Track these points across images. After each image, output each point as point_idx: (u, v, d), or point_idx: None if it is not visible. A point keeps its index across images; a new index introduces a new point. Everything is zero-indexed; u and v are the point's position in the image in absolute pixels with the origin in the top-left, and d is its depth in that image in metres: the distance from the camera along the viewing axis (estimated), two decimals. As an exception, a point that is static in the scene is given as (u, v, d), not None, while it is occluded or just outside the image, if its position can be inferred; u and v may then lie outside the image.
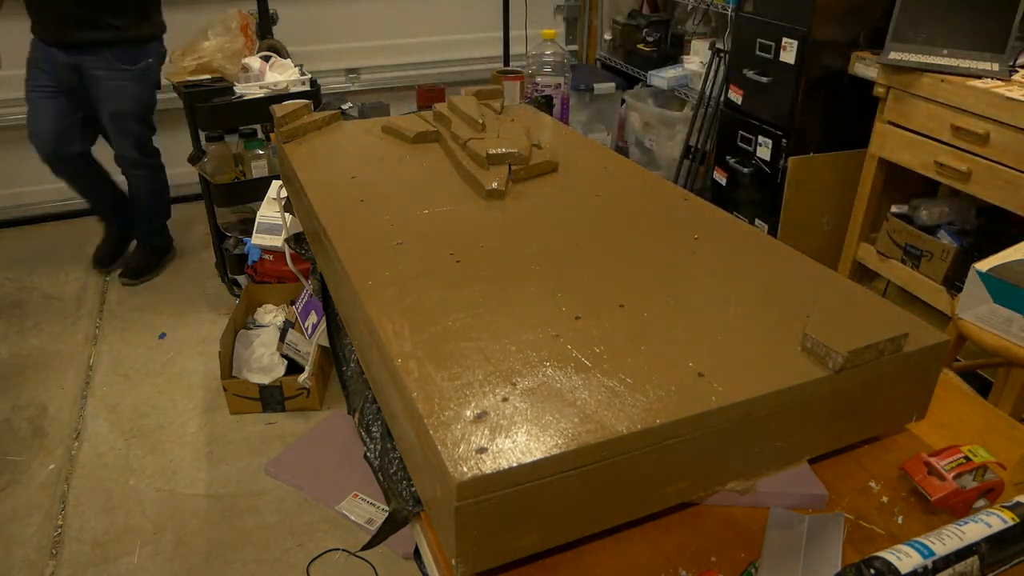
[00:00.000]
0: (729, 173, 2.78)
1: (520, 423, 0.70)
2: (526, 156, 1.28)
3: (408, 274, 0.95)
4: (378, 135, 1.52)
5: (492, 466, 0.65)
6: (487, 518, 0.66)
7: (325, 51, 3.46)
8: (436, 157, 1.40)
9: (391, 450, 0.93)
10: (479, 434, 0.68)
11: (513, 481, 0.65)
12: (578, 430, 0.69)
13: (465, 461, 0.65)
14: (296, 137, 1.49)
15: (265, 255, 2.39)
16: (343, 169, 1.33)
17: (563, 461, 0.67)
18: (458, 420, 0.70)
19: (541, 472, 0.66)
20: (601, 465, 0.69)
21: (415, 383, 0.75)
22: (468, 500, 0.64)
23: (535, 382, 0.75)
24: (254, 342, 2.18)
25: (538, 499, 0.67)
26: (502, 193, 1.19)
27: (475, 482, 0.64)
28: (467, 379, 0.76)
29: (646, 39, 3.53)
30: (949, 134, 2.04)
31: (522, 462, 0.65)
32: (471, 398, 0.73)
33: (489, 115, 1.49)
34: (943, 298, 2.17)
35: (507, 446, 0.67)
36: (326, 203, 1.18)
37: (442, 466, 0.66)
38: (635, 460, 0.70)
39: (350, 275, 0.96)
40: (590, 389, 0.74)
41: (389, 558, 1.74)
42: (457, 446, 0.67)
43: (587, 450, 0.67)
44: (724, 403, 0.72)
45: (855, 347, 0.77)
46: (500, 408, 0.72)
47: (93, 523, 1.83)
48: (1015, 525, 0.67)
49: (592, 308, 0.88)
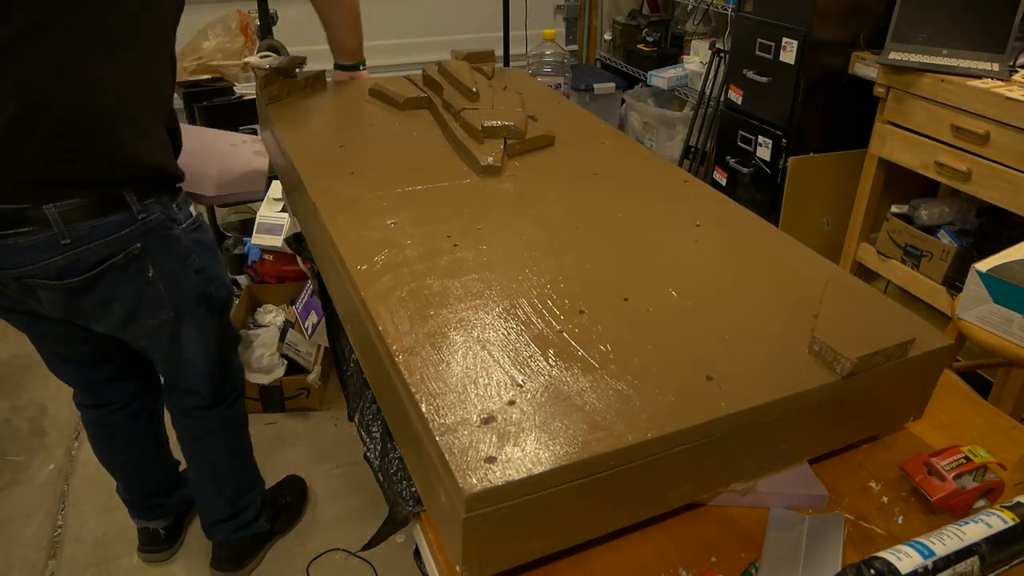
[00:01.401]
0: (729, 173, 2.78)
1: (528, 429, 0.68)
2: (522, 130, 1.23)
3: (405, 259, 0.92)
4: (365, 98, 1.46)
5: (502, 477, 0.63)
6: (494, 527, 0.64)
7: (325, 51, 3.46)
8: (427, 125, 1.34)
9: (391, 450, 0.92)
10: (487, 441, 0.66)
11: (522, 492, 0.64)
12: (587, 438, 0.67)
13: (474, 472, 0.63)
14: (280, 99, 1.43)
15: (265, 255, 2.39)
16: (331, 136, 1.27)
17: (573, 471, 0.65)
18: (464, 424, 0.68)
19: (550, 482, 0.65)
20: (609, 473, 0.67)
21: (417, 380, 0.73)
22: (477, 511, 0.63)
23: (542, 383, 0.73)
24: (254, 342, 2.18)
25: (545, 507, 0.66)
26: (498, 170, 1.15)
27: (485, 494, 0.62)
28: (471, 378, 0.73)
29: (646, 39, 3.53)
30: (949, 134, 2.04)
31: (532, 473, 0.63)
32: (476, 400, 0.71)
33: (482, 81, 1.42)
34: (943, 298, 2.17)
35: (516, 455, 0.65)
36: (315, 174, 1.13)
37: (450, 476, 0.64)
38: (643, 467, 0.69)
39: (344, 259, 0.92)
40: (598, 392, 0.73)
41: (389, 558, 1.74)
42: (465, 454, 0.65)
43: (597, 460, 0.66)
44: (733, 410, 0.71)
45: (864, 353, 0.76)
46: (507, 412, 0.70)
47: (93, 523, 1.83)
48: (1015, 525, 0.67)
49: (596, 301, 0.86)
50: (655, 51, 3.44)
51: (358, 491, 1.93)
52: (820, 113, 2.47)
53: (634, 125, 3.44)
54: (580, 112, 1.45)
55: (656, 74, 3.28)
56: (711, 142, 3.03)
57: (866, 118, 2.35)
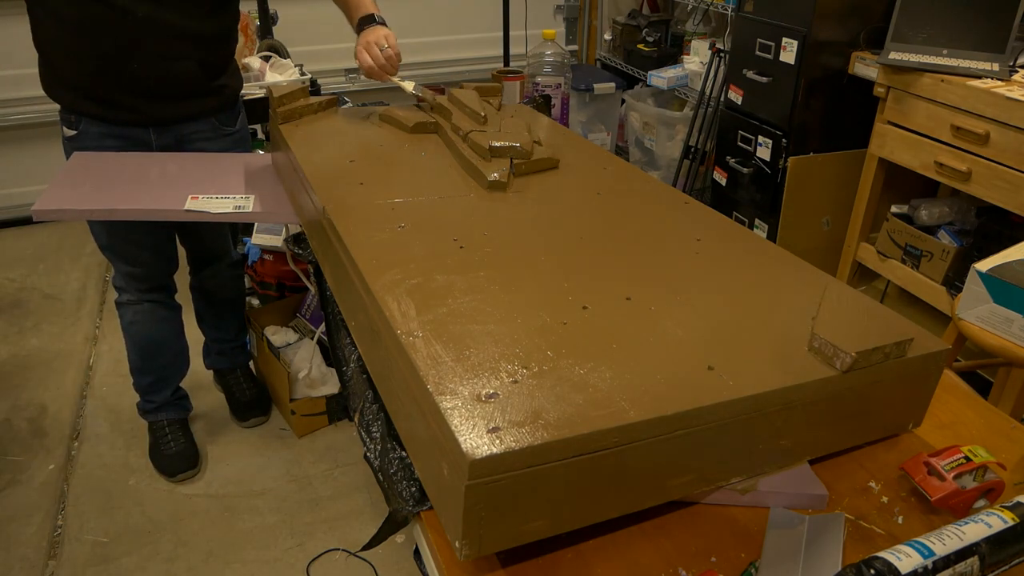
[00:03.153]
0: (729, 173, 2.78)
1: (532, 405, 0.69)
2: (528, 150, 1.28)
3: (412, 256, 0.95)
4: (376, 123, 1.52)
5: (505, 445, 0.64)
6: (496, 499, 0.65)
7: (325, 51, 3.46)
8: (435, 147, 1.39)
9: (391, 450, 0.93)
10: (491, 414, 0.68)
11: (525, 462, 0.65)
12: (590, 415, 0.68)
13: (478, 439, 0.65)
14: (292, 119, 1.48)
15: (265, 255, 2.39)
16: (341, 153, 1.32)
17: (575, 445, 0.66)
18: (469, 399, 0.70)
19: (553, 454, 0.66)
20: (611, 451, 0.69)
21: (423, 360, 0.74)
22: (479, 479, 0.64)
23: (545, 366, 0.75)
24: (292, 361, 2.18)
25: (547, 483, 0.67)
26: (504, 185, 1.19)
27: (488, 461, 0.63)
28: (476, 360, 0.75)
29: (646, 39, 3.53)
30: (949, 134, 2.04)
31: (535, 443, 0.65)
32: (481, 378, 0.73)
33: (489, 110, 1.49)
34: (943, 298, 2.17)
35: (519, 427, 0.66)
36: (325, 184, 1.17)
37: (454, 443, 0.65)
38: (645, 448, 0.70)
39: (352, 255, 0.95)
40: (601, 376, 0.74)
41: (389, 558, 1.74)
42: (469, 424, 0.66)
43: (599, 435, 0.67)
44: (735, 396, 0.73)
45: (863, 348, 0.77)
46: (511, 389, 0.71)
47: (93, 523, 1.83)
48: (1015, 525, 0.67)
49: (599, 299, 0.88)
50: (655, 51, 3.44)
51: (358, 491, 1.93)
52: (820, 113, 2.47)
53: (634, 125, 3.44)
54: (583, 141, 1.51)
55: (656, 74, 3.29)
56: (711, 142, 3.03)
57: (866, 118, 2.35)
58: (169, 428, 2.03)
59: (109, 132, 1.65)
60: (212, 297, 2.10)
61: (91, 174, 1.46)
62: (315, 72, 2.68)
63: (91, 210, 1.35)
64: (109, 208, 1.36)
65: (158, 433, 2.02)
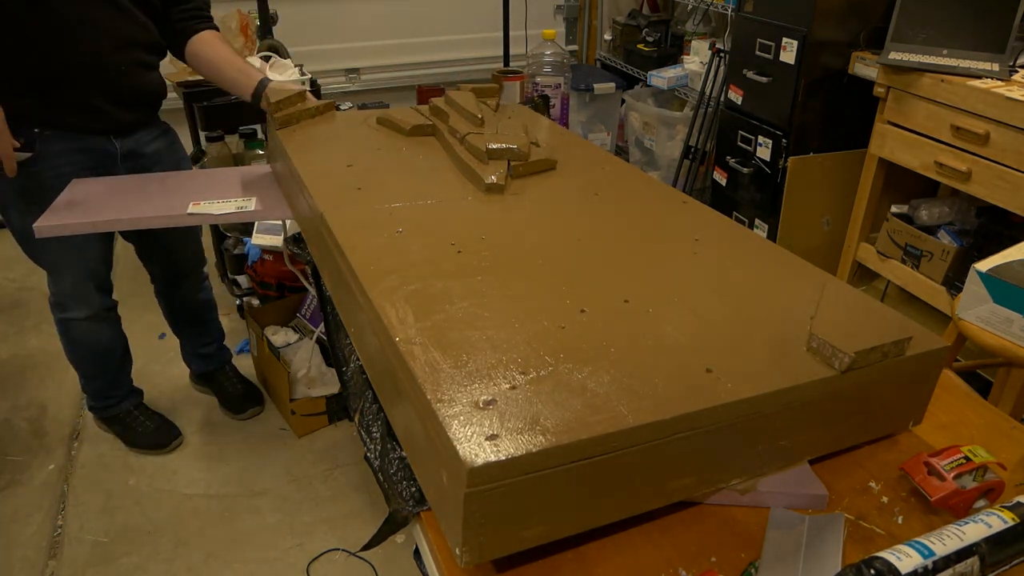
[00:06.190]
0: (729, 173, 2.78)
1: (530, 411, 0.69)
2: (526, 152, 1.27)
3: (410, 262, 0.95)
4: (373, 127, 1.52)
5: (504, 452, 0.64)
6: (495, 506, 0.65)
7: (325, 51, 3.46)
8: (432, 150, 1.39)
9: (391, 450, 0.93)
10: (489, 421, 0.68)
11: (524, 469, 0.65)
12: (589, 420, 0.68)
13: (476, 446, 0.65)
14: (290, 124, 1.49)
15: (265, 255, 2.39)
16: (339, 157, 1.32)
17: (574, 450, 0.66)
18: (467, 406, 0.70)
19: (552, 461, 0.66)
20: (610, 456, 0.69)
21: (421, 367, 0.74)
22: (478, 487, 0.64)
23: (543, 372, 0.75)
24: (292, 361, 2.18)
25: (546, 489, 0.67)
26: (501, 187, 1.19)
27: (486, 468, 0.63)
28: (474, 366, 0.75)
29: (646, 39, 3.53)
30: (949, 134, 2.04)
31: (533, 450, 0.65)
32: (479, 385, 0.73)
33: (487, 112, 1.49)
34: (943, 298, 2.17)
35: (517, 433, 0.66)
36: (322, 189, 1.17)
37: (452, 451, 0.65)
38: (644, 453, 0.70)
39: (350, 261, 0.95)
40: (599, 381, 0.74)
41: (389, 558, 1.74)
42: (467, 431, 0.66)
43: (598, 440, 0.67)
44: (733, 398, 0.72)
45: (862, 348, 0.77)
46: (509, 396, 0.71)
47: (93, 523, 1.83)
48: (1015, 525, 0.67)
49: (597, 302, 0.88)
50: (655, 51, 3.44)
51: (358, 491, 1.93)
52: (820, 113, 2.47)
53: (634, 125, 3.44)
54: (581, 142, 1.50)
55: (656, 74, 3.28)
56: (711, 142, 3.03)
57: (866, 118, 2.35)
58: (138, 411, 2.10)
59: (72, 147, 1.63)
60: (196, 309, 2.15)
61: (91, 195, 1.47)
62: (315, 72, 2.68)
63: (93, 222, 1.36)
64: (112, 219, 1.37)
65: (129, 421, 2.08)
